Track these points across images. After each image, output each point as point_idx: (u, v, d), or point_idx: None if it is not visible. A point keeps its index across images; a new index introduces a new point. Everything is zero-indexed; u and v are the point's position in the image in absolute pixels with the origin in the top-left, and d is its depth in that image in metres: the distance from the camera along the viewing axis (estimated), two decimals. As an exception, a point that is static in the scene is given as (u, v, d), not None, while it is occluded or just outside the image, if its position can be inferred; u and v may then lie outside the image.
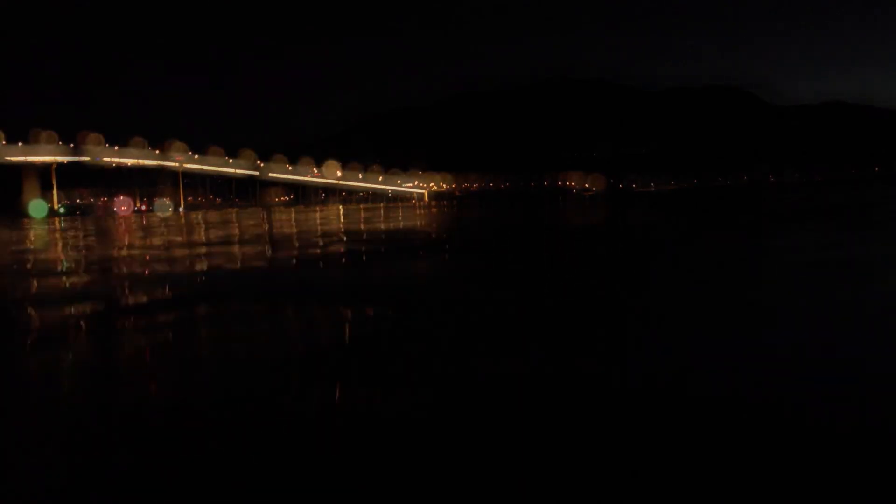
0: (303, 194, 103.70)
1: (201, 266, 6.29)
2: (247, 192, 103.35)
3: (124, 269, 6.85)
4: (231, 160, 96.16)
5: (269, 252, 7.11)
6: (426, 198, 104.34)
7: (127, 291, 5.00)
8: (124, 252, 8.80)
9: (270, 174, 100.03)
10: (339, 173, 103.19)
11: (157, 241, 10.80)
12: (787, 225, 8.73)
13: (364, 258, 5.11)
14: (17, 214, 74.19)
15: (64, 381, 2.72)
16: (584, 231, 8.91)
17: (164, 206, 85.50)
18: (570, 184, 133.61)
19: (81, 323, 3.93)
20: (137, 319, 3.96)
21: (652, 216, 11.96)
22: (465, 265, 5.18)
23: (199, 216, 40.53)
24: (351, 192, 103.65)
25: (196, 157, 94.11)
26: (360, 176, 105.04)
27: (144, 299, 4.69)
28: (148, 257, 7.71)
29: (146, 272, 6.25)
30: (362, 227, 11.92)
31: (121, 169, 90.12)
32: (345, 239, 7.90)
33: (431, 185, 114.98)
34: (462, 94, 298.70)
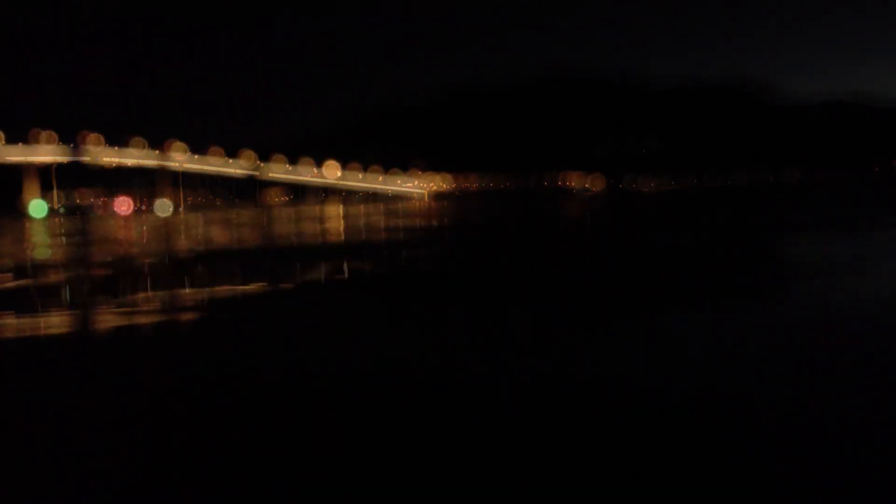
0: (303, 194, 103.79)
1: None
2: (247, 192, 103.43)
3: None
4: (231, 160, 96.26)
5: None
6: (426, 197, 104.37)
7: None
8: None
9: (270, 174, 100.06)
10: (339, 173, 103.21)
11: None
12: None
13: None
14: (17, 215, 74.21)
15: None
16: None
17: (164, 207, 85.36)
18: (570, 184, 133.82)
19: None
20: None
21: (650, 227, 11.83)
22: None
23: (202, 216, 40.43)
24: (351, 191, 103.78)
25: (196, 157, 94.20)
26: (361, 176, 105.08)
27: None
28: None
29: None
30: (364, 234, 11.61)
31: (121, 169, 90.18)
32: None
33: (431, 184, 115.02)
34: (462, 92, 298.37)
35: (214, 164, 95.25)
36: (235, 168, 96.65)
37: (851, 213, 10.84)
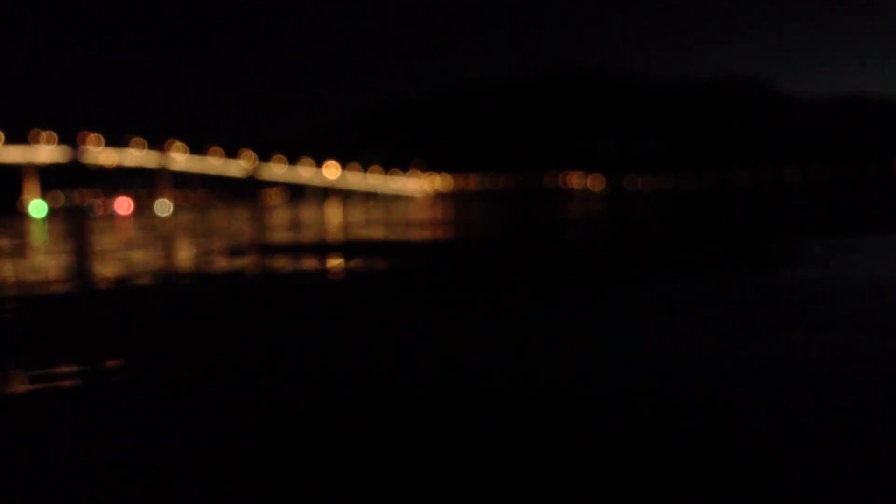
0: (302, 194, 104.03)
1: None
2: (246, 191, 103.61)
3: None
4: (230, 160, 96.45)
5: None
6: (427, 197, 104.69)
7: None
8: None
9: (270, 174, 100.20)
10: (338, 173, 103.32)
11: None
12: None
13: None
14: (17, 215, 74.22)
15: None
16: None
17: (164, 207, 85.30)
18: (571, 184, 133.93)
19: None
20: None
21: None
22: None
23: (207, 217, 40.22)
24: (351, 191, 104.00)
25: (196, 157, 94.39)
26: (361, 176, 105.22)
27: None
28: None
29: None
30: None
31: (121, 169, 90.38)
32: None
33: (432, 184, 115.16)
34: (463, 91, 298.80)
35: (214, 164, 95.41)
36: (235, 168, 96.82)
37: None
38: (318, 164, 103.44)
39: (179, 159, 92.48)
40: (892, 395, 1.54)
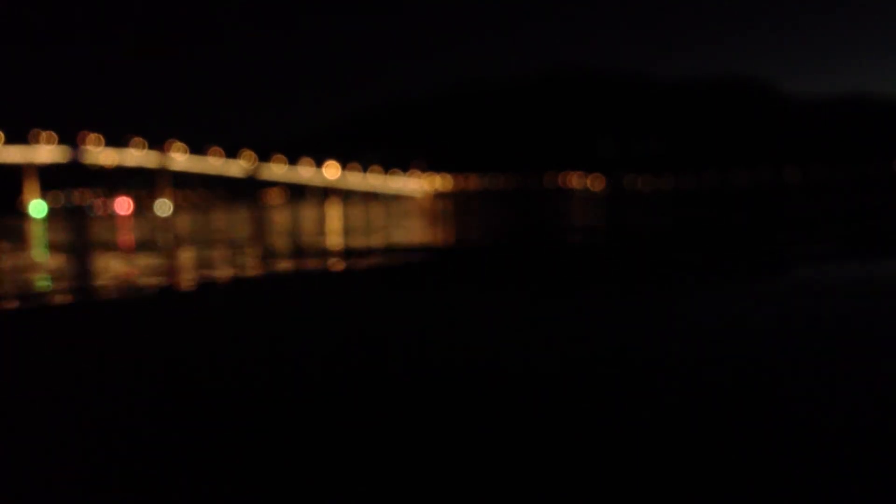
0: (302, 194, 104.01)
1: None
2: (246, 191, 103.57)
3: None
4: (230, 160, 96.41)
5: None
6: (426, 197, 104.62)
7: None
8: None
9: (270, 174, 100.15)
10: (338, 173, 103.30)
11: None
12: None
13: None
14: (17, 215, 74.17)
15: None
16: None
17: (164, 207, 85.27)
18: (571, 184, 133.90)
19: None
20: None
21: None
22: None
23: (211, 218, 40.07)
24: (351, 192, 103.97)
25: (196, 157, 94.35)
26: (361, 176, 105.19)
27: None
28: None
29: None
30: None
31: (121, 169, 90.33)
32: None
33: (432, 184, 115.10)
34: (463, 91, 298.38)
35: (214, 165, 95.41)
36: (235, 168, 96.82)
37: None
38: (318, 164, 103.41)
39: (179, 159, 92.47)
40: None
